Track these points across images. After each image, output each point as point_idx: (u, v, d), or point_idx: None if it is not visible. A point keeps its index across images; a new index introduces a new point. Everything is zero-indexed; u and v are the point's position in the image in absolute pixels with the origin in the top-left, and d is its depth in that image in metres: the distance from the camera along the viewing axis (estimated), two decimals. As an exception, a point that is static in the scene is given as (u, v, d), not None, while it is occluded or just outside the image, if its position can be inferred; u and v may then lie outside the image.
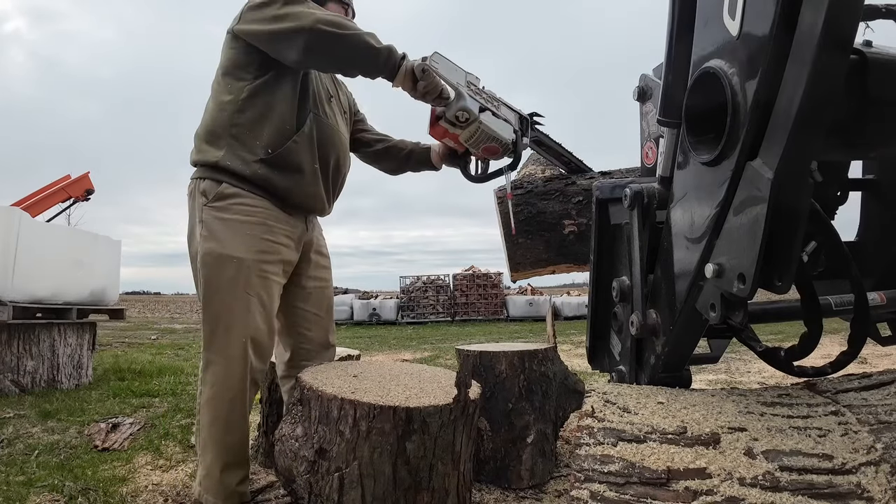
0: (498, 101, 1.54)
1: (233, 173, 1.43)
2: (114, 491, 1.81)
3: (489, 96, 1.51)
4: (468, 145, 1.54)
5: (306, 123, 1.49)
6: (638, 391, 0.98)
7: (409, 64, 1.39)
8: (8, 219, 3.17)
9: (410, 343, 8.28)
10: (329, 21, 1.32)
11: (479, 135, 1.49)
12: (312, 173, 1.52)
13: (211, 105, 1.48)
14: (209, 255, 1.41)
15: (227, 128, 1.43)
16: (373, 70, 1.39)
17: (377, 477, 1.17)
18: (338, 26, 1.32)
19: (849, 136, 0.87)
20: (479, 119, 1.45)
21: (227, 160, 1.42)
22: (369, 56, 1.35)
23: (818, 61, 0.65)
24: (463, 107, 1.44)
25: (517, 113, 1.59)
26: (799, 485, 0.72)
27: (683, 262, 0.93)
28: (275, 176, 1.45)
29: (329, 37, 1.31)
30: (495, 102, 1.53)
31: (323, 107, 1.57)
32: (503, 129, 1.51)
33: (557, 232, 1.90)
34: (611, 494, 0.76)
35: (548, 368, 1.92)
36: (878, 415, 0.83)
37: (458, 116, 1.44)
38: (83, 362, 3.82)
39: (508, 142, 1.52)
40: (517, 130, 1.55)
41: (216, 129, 1.44)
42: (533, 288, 14.63)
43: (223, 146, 1.43)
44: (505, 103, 1.57)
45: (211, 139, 1.45)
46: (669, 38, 0.93)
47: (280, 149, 1.44)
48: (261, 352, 1.46)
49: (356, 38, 1.33)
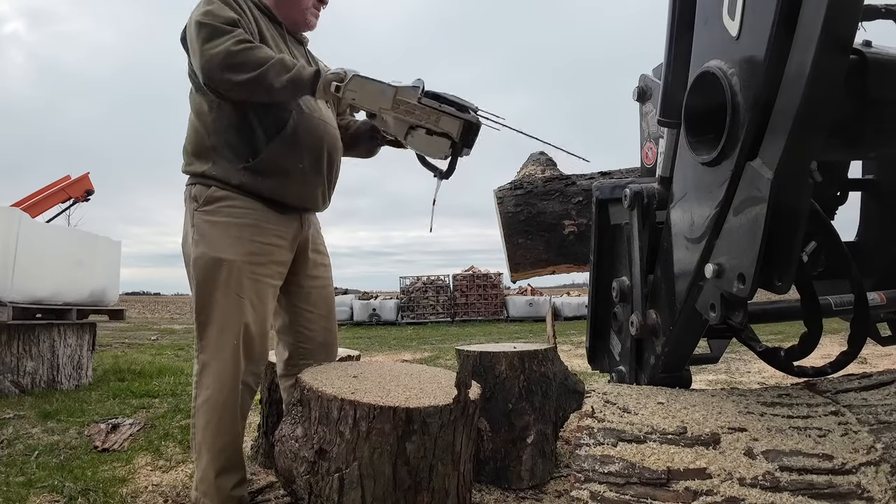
0: (439, 109, 1.37)
1: (221, 180, 1.45)
2: (114, 492, 1.81)
3: (427, 105, 1.36)
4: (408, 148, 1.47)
5: (288, 124, 1.46)
6: (638, 391, 0.98)
7: (324, 82, 1.34)
8: (8, 219, 3.17)
9: (410, 343, 8.28)
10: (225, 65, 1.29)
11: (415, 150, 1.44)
12: (299, 172, 1.50)
13: (191, 119, 1.50)
14: (200, 259, 1.42)
15: (208, 139, 1.45)
16: (284, 99, 1.40)
17: (377, 477, 1.17)
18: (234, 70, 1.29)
19: (849, 136, 0.87)
20: (406, 140, 1.39)
21: (214, 171, 1.44)
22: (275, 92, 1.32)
23: (818, 61, 0.65)
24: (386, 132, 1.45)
25: (462, 119, 1.39)
26: (799, 485, 0.72)
27: (683, 262, 0.93)
28: (260, 181, 1.45)
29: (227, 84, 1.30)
30: (434, 113, 1.37)
31: (306, 102, 1.53)
32: (436, 148, 1.40)
33: (557, 232, 1.90)
34: (611, 495, 0.76)
35: (548, 369, 1.92)
36: (878, 415, 0.83)
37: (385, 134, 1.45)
38: (83, 363, 3.82)
39: (441, 157, 1.43)
40: (456, 142, 1.39)
41: (199, 141, 1.46)
42: (533, 288, 14.63)
43: (209, 159, 1.45)
44: (449, 106, 1.39)
45: (196, 152, 1.47)
46: (669, 38, 0.94)
47: (261, 154, 1.43)
48: (252, 354, 1.46)
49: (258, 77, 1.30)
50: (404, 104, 1.36)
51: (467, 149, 1.44)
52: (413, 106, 1.36)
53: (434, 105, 1.37)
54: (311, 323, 1.67)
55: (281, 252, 1.53)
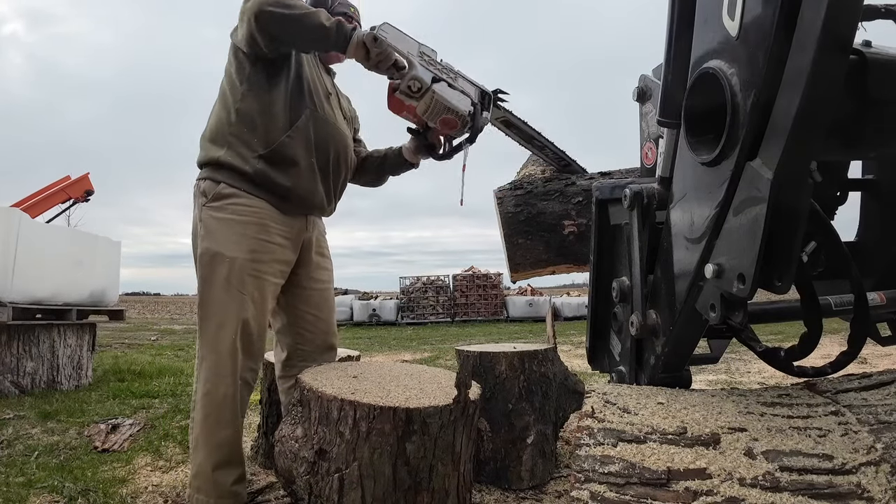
0: (455, 74, 1.51)
1: (233, 171, 1.48)
2: (113, 492, 1.81)
3: (445, 67, 1.49)
4: (426, 118, 1.51)
5: (301, 119, 1.52)
6: (638, 392, 0.98)
7: (360, 34, 1.40)
8: (8, 220, 3.16)
9: (410, 344, 8.28)
10: (274, 2, 1.36)
11: (434, 105, 1.46)
12: (309, 167, 1.54)
13: (216, 108, 1.55)
14: (206, 254, 1.46)
15: (228, 128, 1.49)
16: (325, 43, 1.42)
17: (377, 478, 1.17)
18: (283, 6, 1.36)
19: (849, 136, 0.87)
20: (432, 88, 1.44)
21: (229, 157, 1.47)
22: (319, 30, 1.38)
23: (817, 61, 0.65)
24: (414, 76, 1.42)
25: (478, 87, 1.56)
26: (799, 485, 0.72)
27: (683, 262, 0.93)
28: (273, 171, 1.49)
29: (276, 16, 1.36)
30: (452, 74, 1.50)
31: (321, 103, 1.60)
32: (459, 101, 1.48)
33: (557, 232, 1.90)
34: (611, 495, 0.76)
35: (548, 369, 1.92)
36: (878, 415, 0.83)
37: (410, 86, 1.43)
38: (83, 363, 3.82)
39: (465, 113, 1.49)
40: (476, 103, 1.51)
41: (219, 129, 1.51)
42: (533, 288, 14.63)
43: (225, 145, 1.49)
44: (465, 77, 1.53)
45: (214, 139, 1.51)
46: (669, 38, 0.94)
47: (275, 144, 1.48)
48: (251, 350, 1.47)
49: (304, 15, 1.37)
50: (427, 57, 1.46)
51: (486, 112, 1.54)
52: (434, 60, 1.47)
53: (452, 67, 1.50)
54: (310, 325, 1.68)
55: (284, 251, 1.55)
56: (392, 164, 1.83)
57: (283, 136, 1.49)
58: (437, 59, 1.48)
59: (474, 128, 1.53)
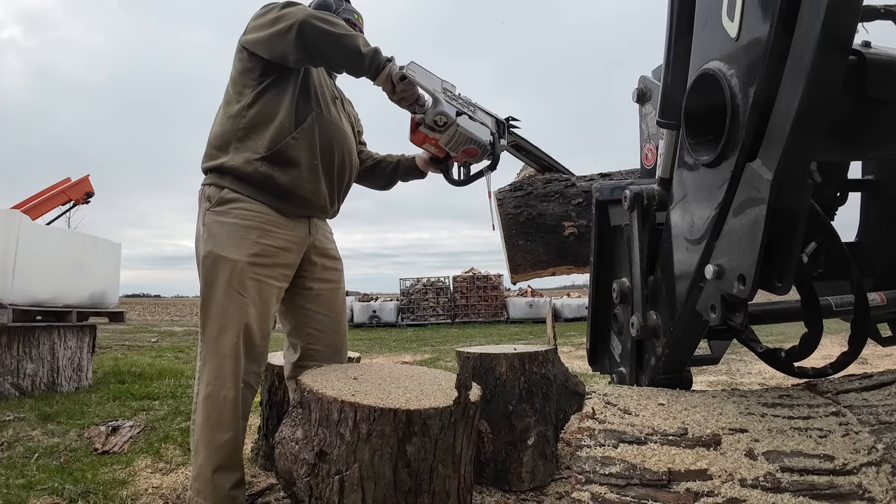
0: (474, 106, 1.62)
1: (236, 176, 1.49)
2: (114, 494, 1.81)
3: (465, 101, 1.60)
4: (448, 149, 1.60)
5: (306, 121, 1.54)
6: (639, 393, 0.98)
7: (393, 69, 1.45)
8: (8, 221, 3.17)
9: (410, 345, 8.27)
10: (320, 17, 1.40)
11: (457, 138, 1.56)
12: (311, 169, 1.55)
13: (220, 113, 1.56)
14: (208, 257, 1.46)
15: (233, 133, 1.51)
16: (357, 68, 1.45)
17: (378, 479, 1.17)
18: (328, 23, 1.40)
19: (849, 137, 0.87)
20: (456, 122, 1.53)
21: (232, 161, 1.49)
22: (355, 54, 1.42)
23: (817, 62, 0.65)
24: (440, 111, 1.52)
25: (493, 117, 1.68)
26: (800, 486, 0.71)
27: (683, 263, 0.93)
28: (275, 172, 1.50)
29: (320, 31, 1.38)
30: (471, 107, 1.61)
31: (327, 106, 1.62)
32: (480, 132, 1.59)
33: (557, 234, 1.90)
34: (612, 496, 0.76)
35: (548, 370, 1.92)
36: (878, 415, 0.83)
37: (436, 121, 1.52)
38: (83, 365, 3.81)
39: (486, 143, 1.59)
40: (494, 133, 1.63)
41: (224, 134, 1.52)
42: (533, 290, 14.62)
43: (230, 150, 1.51)
44: (481, 108, 1.65)
45: (219, 144, 1.53)
46: (668, 39, 0.94)
47: (278, 146, 1.49)
48: (253, 353, 1.47)
49: (344, 36, 1.41)
50: (449, 93, 1.56)
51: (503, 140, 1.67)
52: (455, 95, 1.58)
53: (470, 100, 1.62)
54: (320, 325, 1.68)
55: (287, 255, 1.56)
56: (403, 171, 1.90)
57: (287, 137, 1.50)
58: (457, 93, 1.58)
59: (494, 155, 1.64)
